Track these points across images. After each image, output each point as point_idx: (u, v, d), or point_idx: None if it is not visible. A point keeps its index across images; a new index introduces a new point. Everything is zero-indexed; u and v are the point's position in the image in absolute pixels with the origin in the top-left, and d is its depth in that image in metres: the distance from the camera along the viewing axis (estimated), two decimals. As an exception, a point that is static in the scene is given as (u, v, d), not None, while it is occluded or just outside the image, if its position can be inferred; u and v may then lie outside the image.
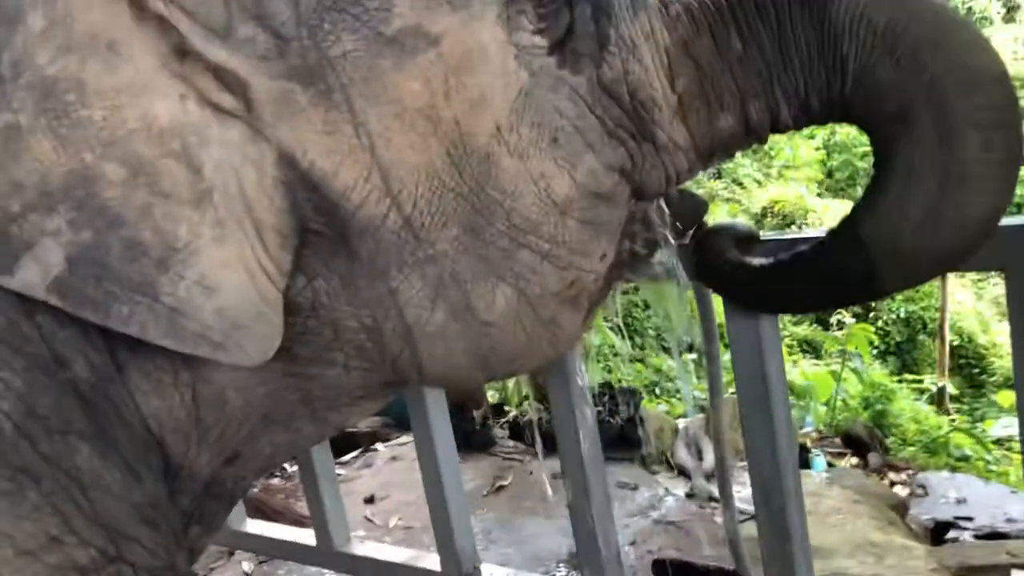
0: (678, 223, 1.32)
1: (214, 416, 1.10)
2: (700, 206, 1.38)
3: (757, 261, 1.31)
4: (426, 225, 1.04)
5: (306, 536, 2.38)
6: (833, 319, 12.06)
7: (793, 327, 12.16)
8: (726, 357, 1.67)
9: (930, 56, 1.03)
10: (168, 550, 1.04)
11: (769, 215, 14.02)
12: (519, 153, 1.05)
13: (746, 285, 1.35)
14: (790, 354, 10.79)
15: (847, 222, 1.15)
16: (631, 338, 8.78)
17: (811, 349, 11.46)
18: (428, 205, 1.03)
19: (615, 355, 8.36)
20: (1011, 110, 1.03)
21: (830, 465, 5.51)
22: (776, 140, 15.55)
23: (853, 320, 10.50)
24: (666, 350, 10.09)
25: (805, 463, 5.20)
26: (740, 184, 14.70)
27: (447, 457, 2.03)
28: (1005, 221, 1.26)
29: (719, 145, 1.18)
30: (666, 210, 1.29)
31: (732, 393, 1.73)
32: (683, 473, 4.57)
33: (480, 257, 1.07)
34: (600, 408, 4.53)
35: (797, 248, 1.26)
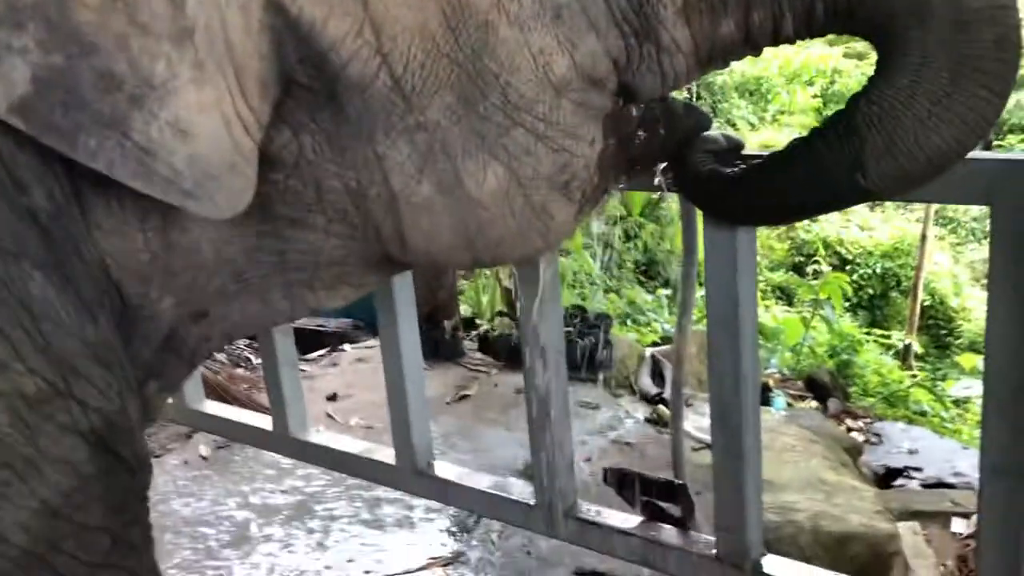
0: (680, 135, 1.29)
1: (183, 262, 1.07)
2: (703, 119, 1.33)
3: (737, 169, 1.28)
4: (417, 89, 1.00)
5: (264, 421, 2.38)
6: (809, 268, 12.14)
7: (769, 273, 12.23)
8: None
9: None
10: (120, 394, 1.02)
11: (760, 158, 13.99)
12: (520, 24, 1.01)
13: (724, 191, 1.31)
14: (763, 298, 10.88)
15: (841, 114, 1.12)
16: (608, 268, 8.79)
17: (785, 296, 11.56)
18: (420, 68, 1.00)
19: (592, 283, 8.39)
20: (1018, 13, 1.03)
21: (790, 406, 5.60)
22: (773, 84, 15.36)
23: (829, 269, 10.57)
24: (641, 284, 10.15)
25: (766, 402, 5.28)
26: (734, 125, 14.57)
27: (410, 353, 2.02)
28: (993, 155, 1.25)
29: (718, 51, 1.15)
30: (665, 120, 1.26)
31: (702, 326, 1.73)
32: (645, 398, 4.62)
33: (472, 131, 1.04)
34: (570, 329, 4.54)
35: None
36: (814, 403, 5.96)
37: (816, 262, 12.33)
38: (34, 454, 0.94)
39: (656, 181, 1.41)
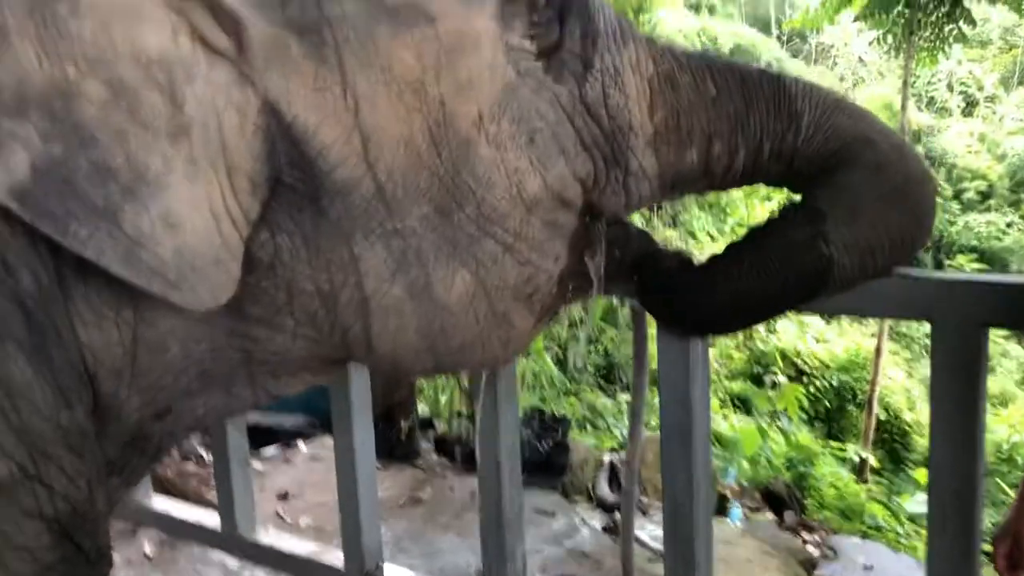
0: (634, 255, 1.34)
1: (150, 361, 1.07)
2: (647, 239, 1.39)
3: (691, 271, 1.33)
4: (398, 197, 1.05)
5: (212, 519, 2.33)
6: (768, 379, 12.26)
7: (728, 382, 12.33)
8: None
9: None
10: (89, 483, 1.02)
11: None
12: (497, 144, 1.08)
13: (681, 298, 1.35)
14: (722, 407, 10.93)
15: (799, 202, 1.26)
16: (568, 371, 8.81)
17: (743, 405, 11.62)
18: (403, 178, 1.05)
19: (552, 385, 8.39)
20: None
21: (746, 518, 5.57)
22: (733, 198, 15.85)
23: (786, 380, 10.68)
24: (602, 388, 10.16)
25: (723, 512, 5.25)
26: (694, 236, 14.93)
27: (363, 451, 2.01)
28: (933, 274, 1.32)
29: (680, 179, 1.25)
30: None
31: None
32: (602, 506, 4.57)
33: (446, 239, 1.09)
34: (528, 431, 4.52)
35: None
36: (771, 515, 5.94)
37: (774, 372, 12.46)
38: (5, 532, 0.93)
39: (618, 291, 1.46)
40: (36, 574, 0.98)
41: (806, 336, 13.08)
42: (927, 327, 1.42)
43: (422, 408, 5.66)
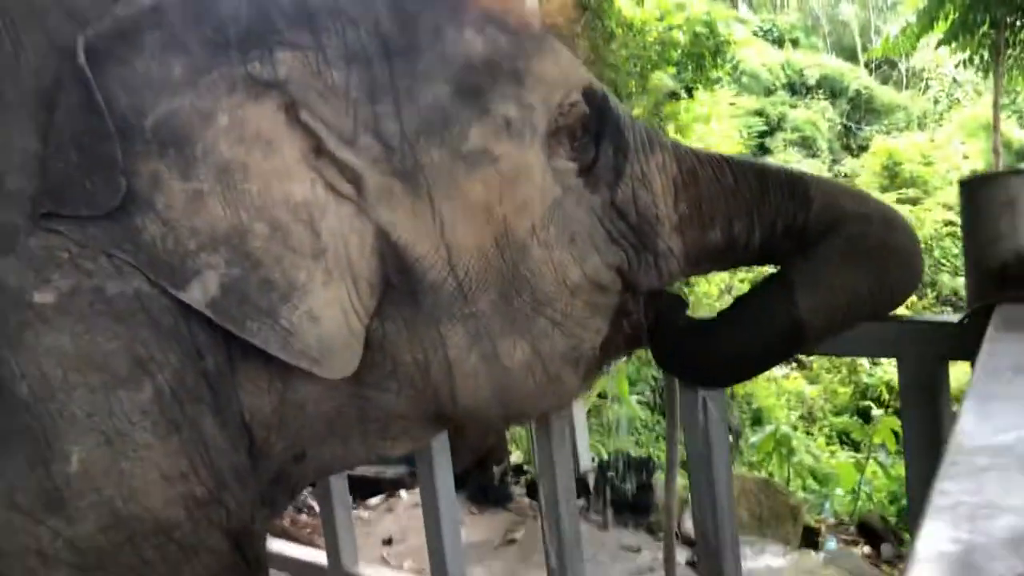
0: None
1: (292, 417, 1.41)
2: (678, 304, 1.68)
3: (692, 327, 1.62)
4: (472, 289, 1.39)
5: (320, 557, 2.67)
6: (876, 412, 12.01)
7: (833, 417, 12.17)
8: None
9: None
10: (251, 508, 1.36)
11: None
12: (546, 245, 1.43)
13: (682, 351, 1.64)
14: (828, 444, 10.82)
15: (775, 274, 1.53)
16: (661, 414, 8.94)
17: (849, 441, 11.43)
18: (476, 275, 1.39)
19: (647, 428, 8.55)
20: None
21: (840, 551, 5.59)
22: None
23: (881, 413, 10.49)
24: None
25: (815, 545, 5.31)
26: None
27: (447, 501, 2.31)
28: (899, 315, 1.56)
29: (705, 256, 1.57)
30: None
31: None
32: (688, 542, 4.72)
33: (508, 318, 1.43)
34: (613, 474, 4.75)
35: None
36: (867, 548, 5.93)
37: (877, 406, 12.22)
38: (195, 541, 1.26)
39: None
40: (218, 571, 1.30)
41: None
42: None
43: (517, 455, 5.96)
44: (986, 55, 11.47)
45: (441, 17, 1.38)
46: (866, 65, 24.38)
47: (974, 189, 1.40)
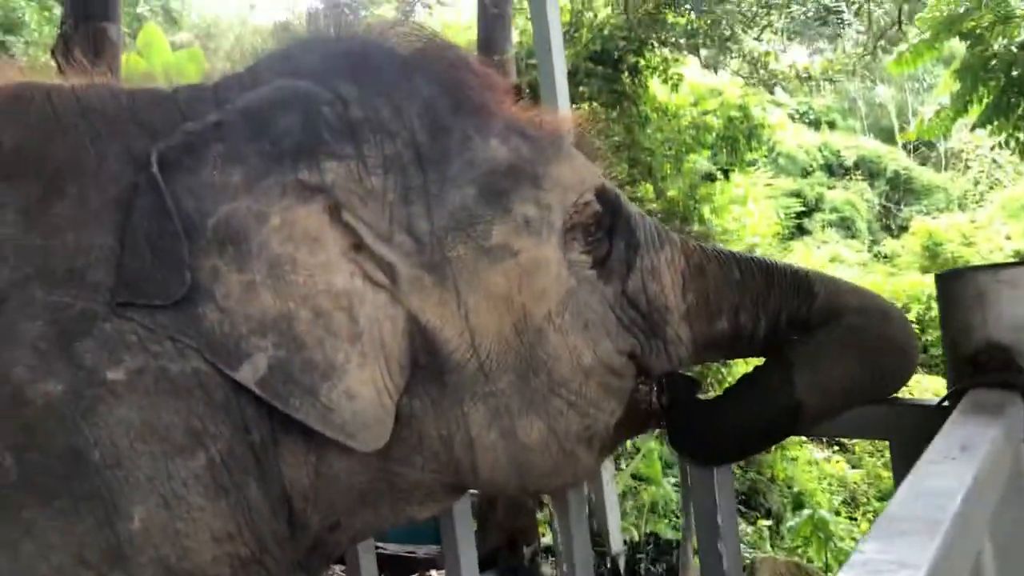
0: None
1: (326, 488, 1.51)
2: (689, 385, 1.81)
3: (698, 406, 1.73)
4: (493, 370, 1.52)
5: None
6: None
7: (877, 502, 11.90)
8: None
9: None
10: (288, 571, 1.45)
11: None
12: (561, 331, 1.56)
13: (689, 430, 1.75)
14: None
15: (776, 356, 1.63)
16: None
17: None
18: (497, 357, 1.52)
19: (681, 510, 8.48)
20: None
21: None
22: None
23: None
24: (742, 514, 10.06)
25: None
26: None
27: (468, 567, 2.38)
28: (886, 401, 1.65)
29: (713, 344, 1.71)
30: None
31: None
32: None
33: (526, 398, 1.54)
34: (642, 556, 4.75)
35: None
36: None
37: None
38: None
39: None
40: None
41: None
42: None
43: (548, 539, 5.97)
44: (1022, 137, 11.47)
45: (470, 128, 1.55)
46: (904, 147, 24.46)
47: (947, 282, 1.51)
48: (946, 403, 1.47)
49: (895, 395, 1.65)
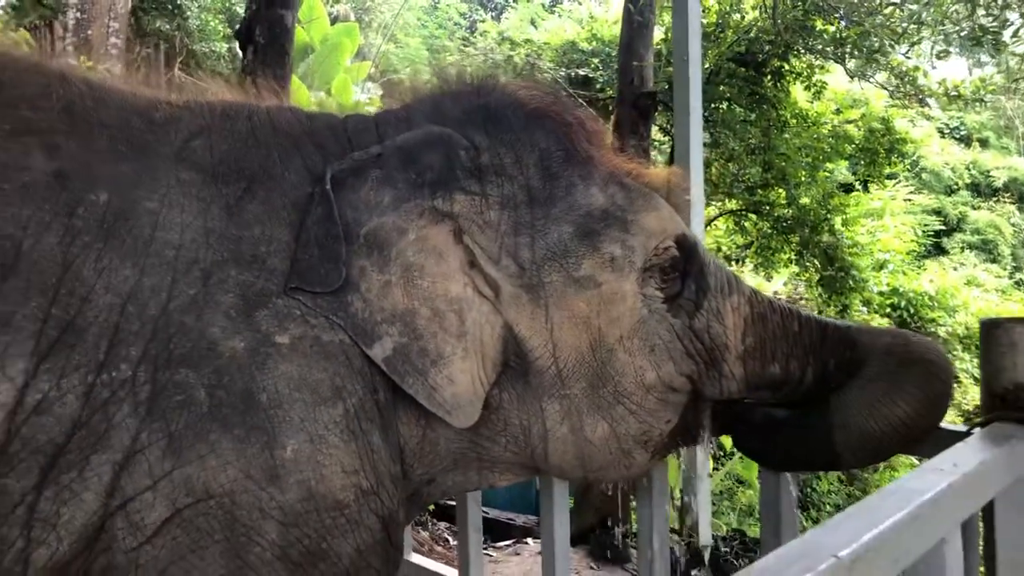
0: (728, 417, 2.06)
1: (429, 449, 1.81)
2: (744, 407, 2.06)
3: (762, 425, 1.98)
4: (569, 377, 1.83)
5: (452, 573, 3.07)
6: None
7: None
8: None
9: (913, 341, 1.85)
10: (398, 503, 1.68)
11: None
12: (630, 352, 1.86)
13: (752, 445, 2.03)
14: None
15: (821, 403, 1.86)
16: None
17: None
18: (573, 367, 1.83)
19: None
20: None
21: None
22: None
23: None
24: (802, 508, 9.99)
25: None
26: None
27: (562, 549, 2.64)
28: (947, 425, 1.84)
29: (764, 385, 1.97)
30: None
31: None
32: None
33: (594, 403, 1.85)
34: (727, 550, 4.95)
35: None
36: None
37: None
38: (358, 519, 1.58)
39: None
40: (373, 544, 1.61)
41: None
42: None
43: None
44: None
45: (575, 176, 1.86)
46: (1063, 172, 23.03)
47: (988, 329, 1.72)
48: (974, 431, 1.67)
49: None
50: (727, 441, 3.36)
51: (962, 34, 7.12)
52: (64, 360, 1.43)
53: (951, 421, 1.86)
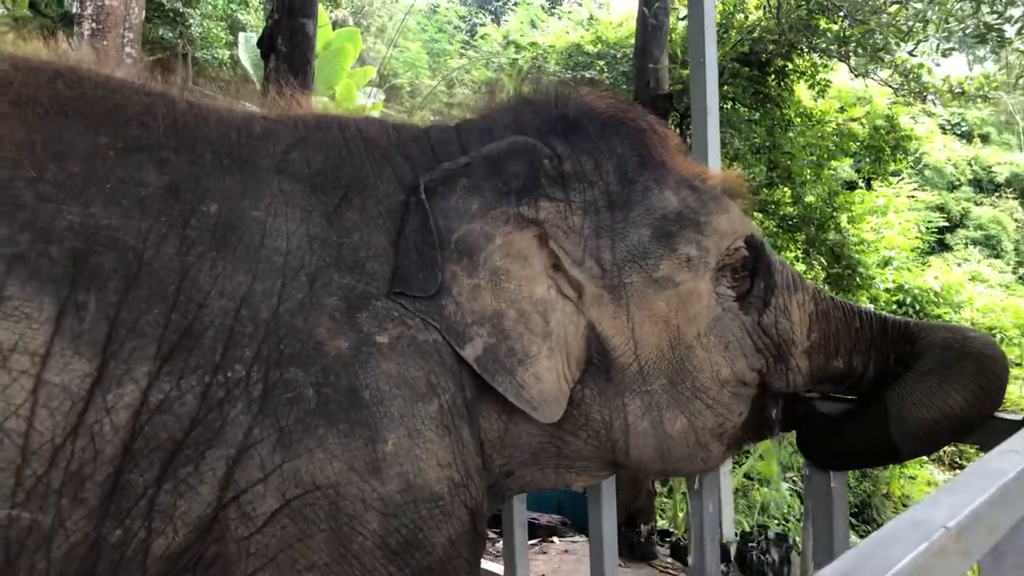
0: (796, 414, 2.14)
1: (511, 442, 1.88)
2: (807, 404, 2.15)
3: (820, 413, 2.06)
4: (649, 374, 1.91)
5: (498, 568, 3.15)
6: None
7: None
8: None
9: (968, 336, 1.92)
10: (482, 495, 1.76)
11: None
12: (706, 348, 1.95)
13: (811, 442, 2.11)
14: None
15: (877, 396, 1.93)
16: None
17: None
18: (653, 364, 1.91)
19: (791, 513, 8.61)
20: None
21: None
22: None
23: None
24: (853, 528, 10.05)
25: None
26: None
27: (610, 550, 2.73)
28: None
29: (827, 378, 2.07)
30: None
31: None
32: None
33: (672, 398, 1.93)
34: (754, 547, 5.03)
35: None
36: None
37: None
38: (451, 510, 1.64)
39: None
40: (462, 533, 1.66)
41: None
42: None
43: (662, 523, 6.30)
44: None
45: (650, 181, 1.95)
46: (1064, 167, 23.10)
47: None
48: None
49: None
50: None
51: (967, 31, 7.16)
52: (183, 362, 1.50)
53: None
